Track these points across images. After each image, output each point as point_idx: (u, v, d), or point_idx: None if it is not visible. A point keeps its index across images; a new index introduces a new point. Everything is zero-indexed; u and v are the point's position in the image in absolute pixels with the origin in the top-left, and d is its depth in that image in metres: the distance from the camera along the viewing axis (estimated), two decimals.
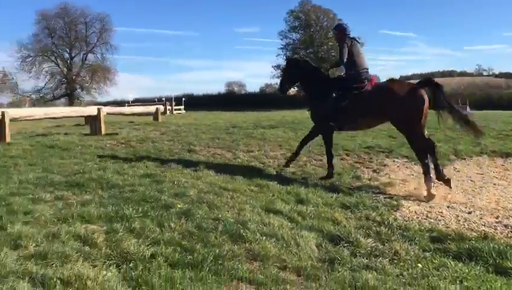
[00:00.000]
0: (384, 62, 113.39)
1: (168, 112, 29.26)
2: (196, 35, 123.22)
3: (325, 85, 6.98)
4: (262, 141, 10.20)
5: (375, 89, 6.62)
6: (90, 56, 67.18)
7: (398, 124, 6.46)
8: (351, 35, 6.90)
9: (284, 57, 6.90)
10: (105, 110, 12.11)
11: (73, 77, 64.40)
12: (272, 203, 4.98)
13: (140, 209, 4.38)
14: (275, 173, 6.99)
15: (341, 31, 6.96)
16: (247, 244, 3.63)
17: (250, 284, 2.98)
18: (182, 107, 37.96)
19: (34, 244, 3.40)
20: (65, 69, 64.97)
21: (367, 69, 6.83)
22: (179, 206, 4.57)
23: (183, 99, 43.13)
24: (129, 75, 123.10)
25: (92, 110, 11.87)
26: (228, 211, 4.54)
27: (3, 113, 9.09)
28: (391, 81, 7.08)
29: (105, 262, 3.15)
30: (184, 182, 5.82)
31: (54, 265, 3.02)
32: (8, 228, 3.71)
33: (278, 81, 9.84)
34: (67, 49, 65.51)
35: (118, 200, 4.74)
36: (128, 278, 2.93)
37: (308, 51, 54.78)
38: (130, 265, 3.12)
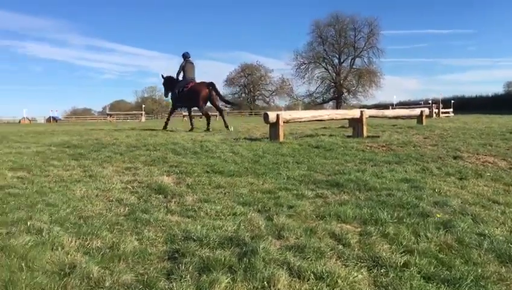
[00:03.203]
0: None
1: (434, 115, 27.96)
2: (471, 32, 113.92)
3: (176, 85, 15.20)
4: None
5: (189, 87, 14.82)
6: (358, 60, 70.01)
7: (193, 102, 14.81)
8: (188, 58, 15.14)
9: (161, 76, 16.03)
10: (367, 112, 12.30)
11: (341, 81, 68.09)
12: None
13: (395, 214, 4.26)
14: None
15: (183, 57, 15.11)
16: None
17: None
18: (451, 110, 35.74)
19: (294, 237, 3.67)
20: (334, 74, 69.36)
21: (192, 78, 15.05)
22: (438, 215, 4.26)
23: (452, 101, 40.61)
24: (395, 77, 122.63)
25: (354, 113, 12.21)
26: (497, 228, 3.99)
27: (278, 116, 10.20)
28: (197, 83, 14.96)
29: (356, 263, 3.15)
30: (446, 190, 5.41)
31: (309, 259, 3.18)
32: (274, 219, 4.13)
33: None
34: (337, 55, 69.80)
35: (373, 203, 4.72)
36: (378, 284, 2.86)
37: None
38: (381, 270, 3.05)
